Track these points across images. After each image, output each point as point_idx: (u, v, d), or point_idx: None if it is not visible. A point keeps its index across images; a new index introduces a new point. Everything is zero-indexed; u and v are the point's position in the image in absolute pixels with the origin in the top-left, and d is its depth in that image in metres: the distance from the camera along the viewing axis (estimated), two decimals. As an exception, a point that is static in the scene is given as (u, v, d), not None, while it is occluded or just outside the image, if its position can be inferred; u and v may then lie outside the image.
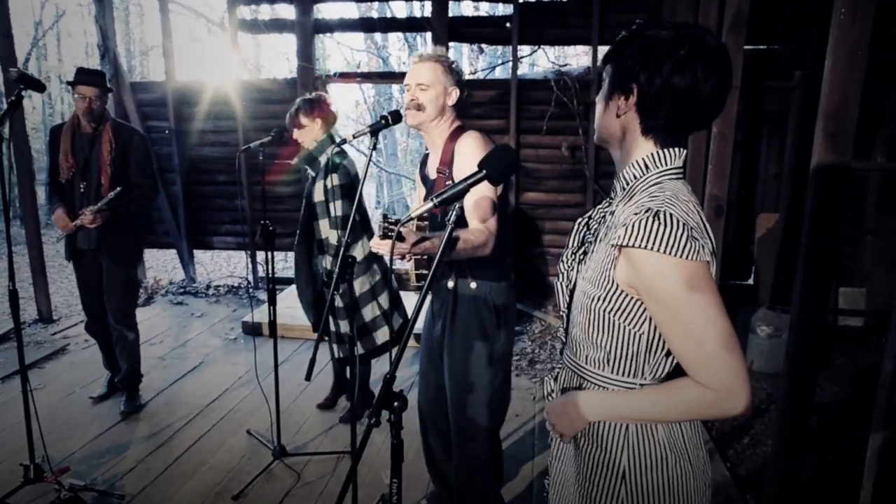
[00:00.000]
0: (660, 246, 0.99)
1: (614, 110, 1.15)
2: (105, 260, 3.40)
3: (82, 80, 3.20)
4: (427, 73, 2.05)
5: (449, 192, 1.24)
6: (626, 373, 1.16)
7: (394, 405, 1.32)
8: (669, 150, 1.12)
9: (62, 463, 2.95)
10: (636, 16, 5.07)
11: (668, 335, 1.07)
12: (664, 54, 1.06)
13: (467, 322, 2.11)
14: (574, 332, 1.24)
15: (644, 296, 1.07)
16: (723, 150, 3.37)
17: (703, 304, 1.01)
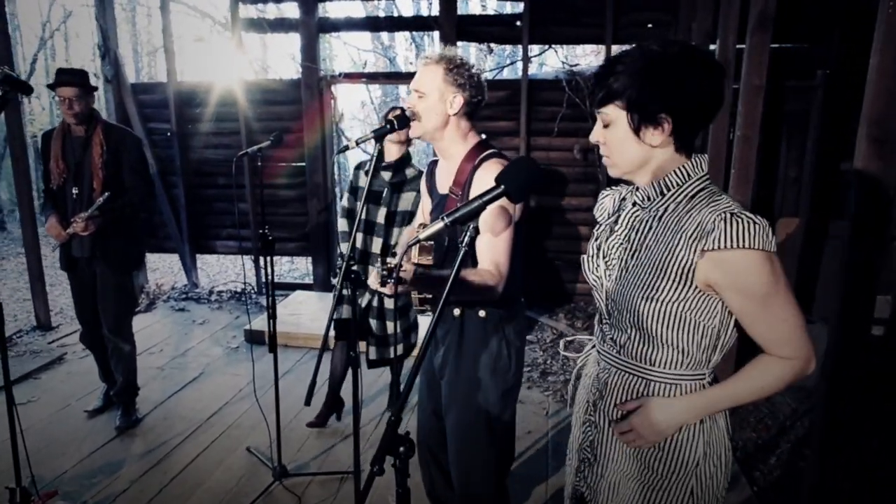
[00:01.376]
0: (755, 243, 1.09)
1: (648, 142, 1.20)
2: (99, 267, 3.27)
3: (61, 80, 3.05)
4: (425, 78, 1.84)
5: (462, 210, 1.09)
6: (695, 365, 1.26)
7: (399, 450, 1.18)
8: (700, 158, 1.24)
9: (53, 483, 2.82)
10: (651, 14, 4.91)
11: (752, 321, 1.18)
12: (686, 72, 1.15)
13: (475, 354, 1.90)
14: (631, 337, 1.29)
15: (729, 291, 1.16)
16: (747, 153, 3.21)
17: (785, 287, 1.15)
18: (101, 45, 5.60)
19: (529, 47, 5.14)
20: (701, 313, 1.21)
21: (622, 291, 1.27)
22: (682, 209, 1.20)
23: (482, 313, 1.89)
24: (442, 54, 1.85)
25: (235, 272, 8.99)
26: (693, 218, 1.17)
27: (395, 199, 3.11)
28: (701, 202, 1.19)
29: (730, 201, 1.17)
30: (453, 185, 1.87)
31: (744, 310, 1.18)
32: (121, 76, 5.67)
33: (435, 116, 1.84)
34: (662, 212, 1.23)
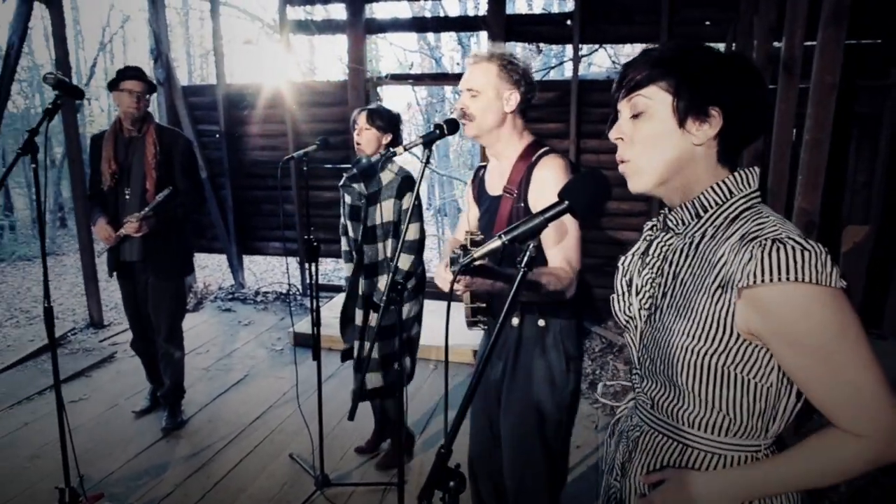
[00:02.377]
0: (805, 275, 0.84)
1: (689, 139, 0.97)
2: (151, 274, 3.23)
3: (127, 74, 3.04)
4: (478, 76, 1.76)
5: (522, 227, 0.99)
6: (746, 434, 1.00)
7: (449, 485, 1.08)
8: (748, 171, 0.99)
9: (99, 484, 2.84)
10: (710, 10, 4.69)
11: (810, 383, 0.91)
12: (735, 69, 0.96)
13: (533, 366, 1.82)
14: (667, 391, 1.06)
15: (776, 341, 0.91)
16: (816, 158, 3.00)
17: (855, 338, 0.87)
18: (154, 48, 5.71)
19: (580, 47, 4.99)
20: (750, 369, 0.96)
21: (655, 336, 1.06)
22: (721, 235, 0.97)
23: (541, 322, 1.82)
24: (492, 51, 1.78)
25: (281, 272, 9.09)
26: (731, 246, 0.93)
27: (371, 212, 2.73)
28: (744, 225, 0.94)
29: (778, 224, 0.91)
30: (507, 184, 1.79)
31: (795, 366, 0.91)
32: (172, 79, 5.77)
33: (491, 115, 1.77)
34: (699, 238, 1.01)
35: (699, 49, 0.98)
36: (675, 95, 0.96)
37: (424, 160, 1.78)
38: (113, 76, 3.12)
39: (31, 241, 13.55)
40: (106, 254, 3.23)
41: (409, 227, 2.68)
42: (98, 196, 3.20)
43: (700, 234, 1.01)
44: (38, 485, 2.84)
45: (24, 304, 8.04)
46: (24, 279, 9.93)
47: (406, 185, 2.72)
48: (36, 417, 3.51)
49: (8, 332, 6.57)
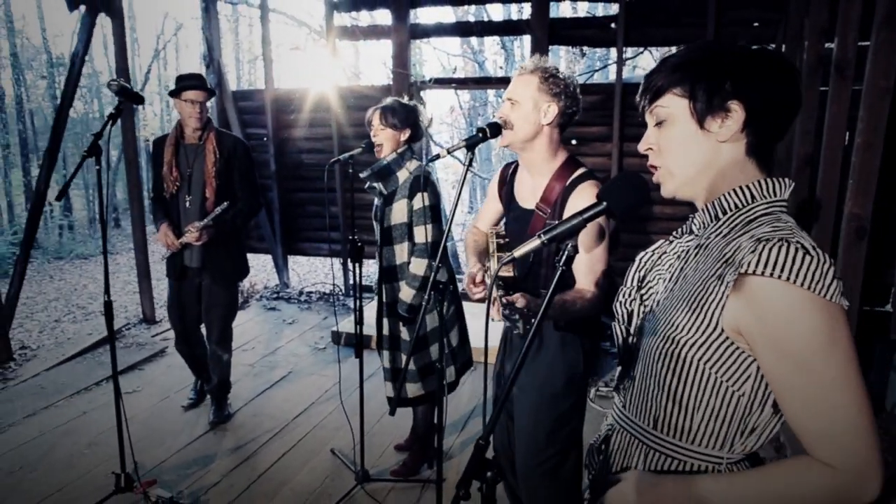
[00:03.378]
0: (802, 279, 0.81)
1: (715, 136, 0.98)
2: (208, 279, 3.29)
3: (190, 84, 3.06)
4: (519, 87, 1.82)
5: (561, 228, 1.02)
6: (712, 443, 0.98)
7: (486, 475, 1.12)
8: (778, 180, 0.98)
9: (153, 471, 2.97)
10: (757, 11, 4.61)
11: (788, 396, 0.87)
12: (756, 62, 0.96)
13: (551, 365, 1.90)
14: (642, 387, 1.06)
15: (760, 345, 0.87)
16: (869, 162, 2.93)
17: (844, 360, 0.83)
18: (206, 55, 5.92)
19: (624, 50, 4.96)
20: (725, 371, 0.93)
21: (645, 329, 1.05)
22: (734, 235, 0.95)
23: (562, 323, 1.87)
24: (537, 64, 1.83)
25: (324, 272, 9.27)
26: (738, 241, 0.92)
27: (387, 213, 2.69)
28: (759, 228, 0.92)
29: (793, 230, 0.89)
30: (541, 203, 1.84)
31: (775, 374, 0.87)
32: (223, 84, 5.97)
33: (528, 126, 1.81)
34: (714, 238, 1.00)
35: (709, 48, 0.99)
36: (691, 98, 0.98)
37: (467, 163, 1.83)
38: (168, 82, 3.30)
39: (88, 240, 14.17)
40: (167, 258, 3.27)
41: (417, 230, 2.63)
42: (161, 200, 3.25)
43: (716, 234, 1.00)
44: (96, 470, 2.99)
45: (81, 301, 8.42)
46: (80, 276, 10.39)
47: (417, 185, 2.61)
48: (93, 407, 3.69)
49: (66, 326, 6.91)
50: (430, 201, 2.60)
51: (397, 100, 2.76)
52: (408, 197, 2.62)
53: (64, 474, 2.96)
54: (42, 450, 3.19)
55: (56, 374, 4.20)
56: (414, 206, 2.61)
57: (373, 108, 2.74)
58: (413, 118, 2.72)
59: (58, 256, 12.31)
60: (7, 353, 4.38)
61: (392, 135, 2.69)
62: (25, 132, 16.53)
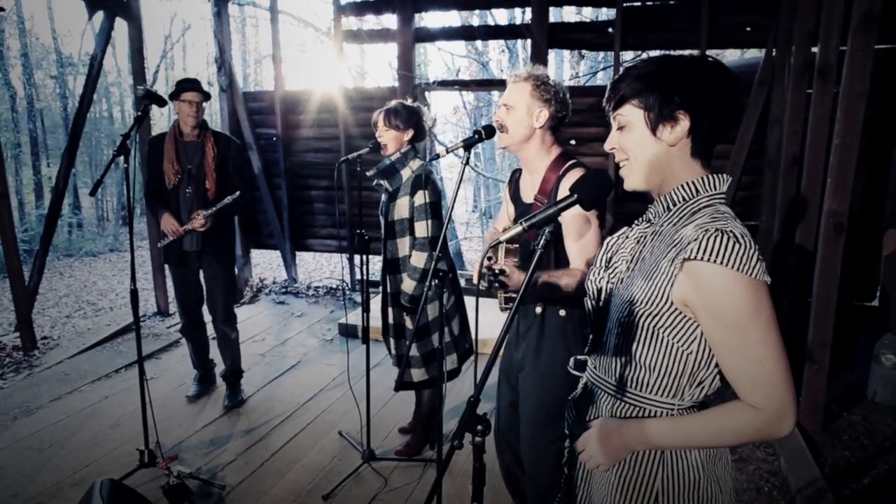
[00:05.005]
0: (733, 262, 1.02)
1: (666, 140, 1.16)
2: (208, 262, 3.56)
3: (188, 87, 3.37)
4: (513, 93, 2.00)
5: (539, 215, 1.22)
6: (666, 393, 1.18)
7: (477, 429, 1.31)
8: (717, 176, 1.17)
9: (172, 450, 3.17)
10: (749, 17, 4.79)
11: (724, 354, 1.08)
12: (700, 74, 1.12)
13: (553, 351, 2.03)
14: (608, 349, 1.26)
15: (702, 314, 1.08)
16: (845, 161, 3.10)
17: (766, 324, 1.04)
18: (218, 57, 6.12)
19: (621, 53, 5.14)
20: (676, 335, 1.13)
21: (610, 302, 1.26)
22: (681, 223, 1.15)
23: (562, 312, 2.02)
24: (530, 72, 2.01)
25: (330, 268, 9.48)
26: (685, 230, 1.11)
27: (391, 209, 2.85)
28: (701, 218, 1.11)
29: (728, 221, 1.09)
30: (538, 194, 2.02)
31: (713, 336, 1.08)
32: (234, 85, 6.17)
33: (521, 129, 2.00)
34: (666, 226, 1.19)
35: (662, 63, 1.16)
36: (645, 109, 1.16)
37: (464, 161, 2.02)
38: (172, 84, 3.49)
39: (97, 238, 14.40)
40: (165, 246, 3.47)
41: (418, 225, 2.79)
42: (155, 194, 3.49)
43: (668, 223, 1.19)
44: (120, 448, 3.20)
45: (91, 297, 8.64)
46: (90, 274, 10.62)
47: (418, 183, 2.77)
48: (114, 392, 3.91)
49: (77, 322, 7.13)
50: (430, 198, 2.78)
51: (401, 102, 2.94)
52: (410, 194, 2.79)
53: (90, 451, 3.17)
54: (69, 430, 3.40)
55: (78, 361, 4.42)
56: (415, 203, 2.78)
57: (378, 111, 2.93)
58: (415, 120, 2.89)
59: (67, 254, 12.56)
60: (32, 342, 4.60)
61: (396, 135, 2.87)
62: (35, 131, 16.78)
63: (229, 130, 6.16)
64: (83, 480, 2.91)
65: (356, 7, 5.82)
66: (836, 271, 3.20)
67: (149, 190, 3.52)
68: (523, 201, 2.12)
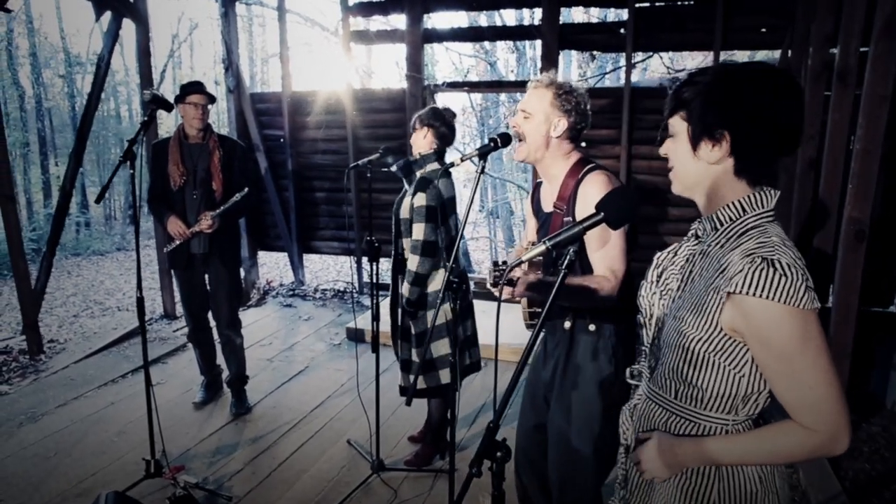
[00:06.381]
0: (778, 296, 1.01)
1: (705, 159, 1.14)
2: (214, 265, 3.52)
3: (194, 90, 3.35)
4: (533, 100, 1.95)
5: (563, 234, 1.16)
6: (720, 409, 1.19)
7: (496, 455, 1.26)
8: (764, 193, 1.14)
9: (179, 459, 3.13)
10: (765, 17, 4.70)
11: (775, 379, 1.09)
12: (747, 93, 1.08)
13: (583, 368, 1.96)
14: (663, 367, 1.26)
15: (751, 341, 1.09)
16: (867, 168, 3.02)
17: (816, 350, 1.04)
18: (225, 58, 6.08)
19: (633, 54, 5.06)
20: (727, 359, 1.13)
21: (663, 321, 1.26)
22: (729, 246, 1.12)
23: (592, 327, 1.94)
24: (552, 79, 1.95)
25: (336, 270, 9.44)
26: (732, 255, 1.09)
27: (401, 207, 2.88)
28: (748, 242, 1.09)
29: (776, 246, 1.06)
30: (557, 201, 1.96)
31: (764, 363, 1.09)
32: (242, 86, 6.13)
33: (538, 137, 1.94)
34: (714, 247, 1.17)
35: (715, 73, 1.12)
36: (689, 124, 1.15)
37: (479, 170, 1.97)
38: (182, 81, 3.44)
39: (105, 237, 14.43)
40: (171, 249, 3.41)
41: (414, 227, 2.78)
42: (159, 198, 3.45)
43: (715, 244, 1.17)
44: (126, 456, 3.16)
45: (98, 297, 8.64)
46: (97, 273, 10.63)
47: (420, 185, 2.78)
48: (120, 398, 3.87)
49: (84, 321, 7.12)
50: (426, 202, 2.76)
51: (433, 107, 2.96)
52: (412, 194, 2.80)
53: (96, 460, 3.13)
54: (75, 437, 3.36)
55: (84, 366, 4.39)
56: (414, 204, 2.78)
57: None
58: (437, 124, 2.89)
59: (75, 253, 12.58)
60: (38, 346, 4.58)
61: (419, 137, 2.90)
62: (44, 130, 16.83)
63: (237, 131, 6.12)
64: (89, 490, 2.87)
65: (364, 7, 5.77)
66: (856, 280, 3.12)
67: (152, 195, 3.49)
68: (544, 210, 2.06)
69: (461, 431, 3.46)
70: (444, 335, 2.88)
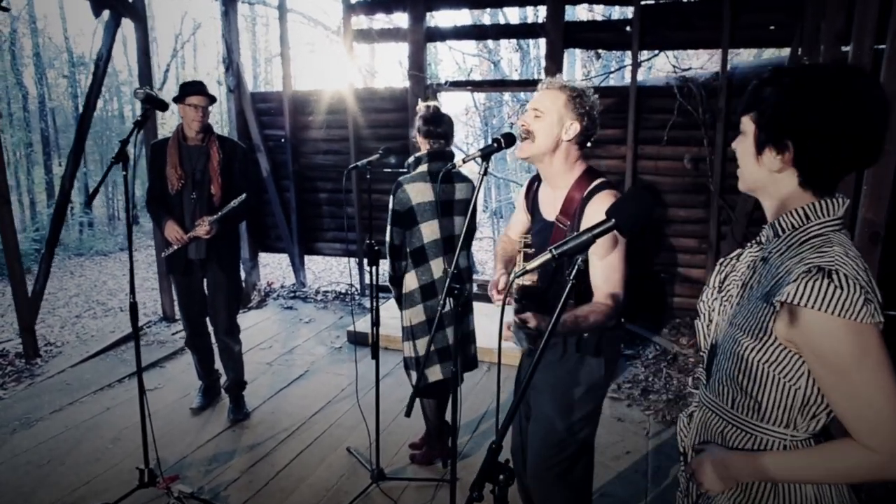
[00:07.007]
0: (834, 309, 0.96)
1: (767, 166, 1.10)
2: (213, 271, 3.44)
3: (194, 90, 3.26)
4: (546, 100, 1.87)
5: (571, 243, 1.08)
6: (778, 423, 1.13)
7: (499, 478, 1.18)
8: (831, 201, 1.07)
9: (175, 467, 3.06)
10: (774, 15, 4.60)
11: (832, 395, 1.04)
12: (819, 104, 1.01)
13: (573, 372, 1.93)
14: (719, 374, 1.21)
15: (807, 353, 1.04)
16: (882, 169, 2.93)
17: (875, 366, 0.98)
18: (226, 58, 6.01)
19: (639, 53, 4.97)
20: (783, 370, 1.08)
21: (724, 329, 1.21)
22: (789, 254, 1.08)
23: (586, 335, 1.91)
24: (566, 82, 1.89)
25: (339, 270, 9.36)
26: (791, 264, 1.05)
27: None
28: (809, 251, 1.04)
29: (836, 256, 1.01)
30: (560, 215, 1.89)
31: (819, 376, 1.04)
32: (242, 86, 6.06)
33: (548, 138, 1.87)
34: (774, 254, 1.12)
35: (794, 75, 1.04)
36: (756, 126, 1.10)
37: (482, 172, 1.88)
38: (186, 80, 3.35)
39: (108, 238, 14.41)
40: (169, 254, 3.34)
41: (388, 228, 2.82)
42: (157, 201, 3.36)
43: (776, 251, 1.12)
44: (121, 464, 3.09)
45: (101, 297, 8.59)
46: (100, 273, 10.58)
47: (393, 188, 2.77)
48: (116, 403, 3.80)
49: (87, 322, 7.06)
50: (391, 205, 2.78)
51: (426, 106, 2.90)
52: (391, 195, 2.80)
53: (90, 468, 3.06)
54: (69, 444, 3.29)
55: (80, 370, 4.32)
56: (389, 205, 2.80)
57: None
58: (430, 127, 2.83)
59: (78, 253, 12.55)
60: (34, 350, 4.51)
61: (420, 141, 2.88)
62: (47, 130, 16.82)
63: (237, 131, 6.05)
64: (81, 500, 2.80)
65: (366, 6, 5.69)
66: (871, 283, 3.03)
67: (150, 197, 3.40)
68: (543, 217, 1.99)
69: (464, 438, 3.37)
70: (423, 335, 2.86)
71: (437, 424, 3.08)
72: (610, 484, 2.98)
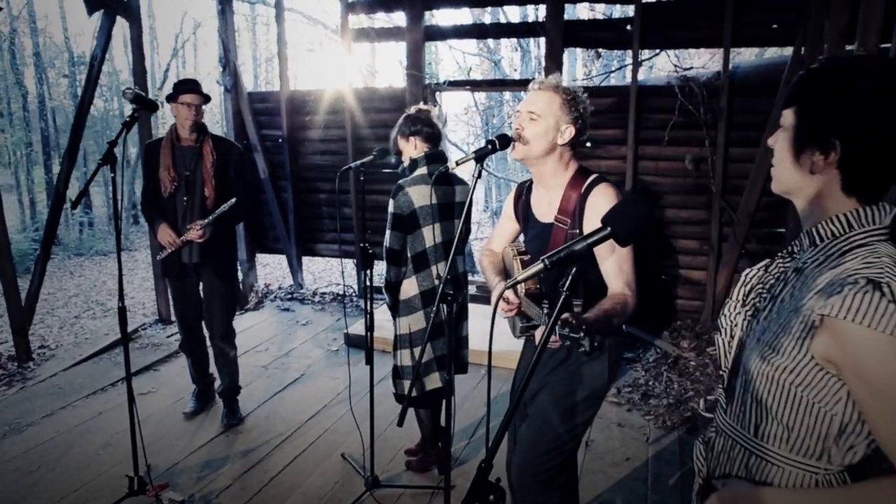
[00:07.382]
0: (884, 325, 0.85)
1: (807, 166, 0.99)
2: (207, 275, 3.38)
3: (187, 88, 3.19)
4: (541, 102, 1.82)
5: (565, 251, 1.02)
6: (809, 454, 1.01)
7: (489, 499, 1.12)
8: (879, 208, 0.96)
9: (165, 474, 3.01)
10: (777, 13, 4.53)
11: (875, 421, 0.91)
12: (873, 103, 0.91)
13: (576, 376, 1.88)
14: (742, 397, 1.10)
15: (848, 374, 0.92)
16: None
17: None
18: (223, 57, 5.96)
19: (640, 52, 4.91)
20: (818, 394, 0.96)
21: (745, 345, 1.10)
22: (828, 264, 0.97)
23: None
24: (559, 83, 1.84)
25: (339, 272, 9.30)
26: (831, 275, 0.93)
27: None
28: (852, 261, 0.92)
29: (886, 266, 0.89)
30: (559, 214, 1.85)
31: (862, 400, 0.92)
32: (239, 86, 6.00)
33: (544, 142, 1.82)
34: (810, 264, 1.01)
35: (841, 66, 0.96)
36: (799, 122, 0.99)
37: (475, 175, 1.83)
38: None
39: (108, 237, 14.35)
40: (164, 257, 3.28)
41: (387, 232, 2.74)
42: (152, 202, 3.30)
43: (813, 261, 1.01)
44: (110, 471, 3.03)
45: (100, 297, 8.55)
46: (100, 273, 10.54)
47: (393, 191, 2.69)
48: (109, 407, 3.74)
49: (85, 322, 7.02)
50: (392, 209, 2.70)
51: (405, 116, 2.82)
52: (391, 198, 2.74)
53: (80, 475, 3.01)
54: (59, 450, 3.24)
55: (73, 374, 4.27)
56: (388, 210, 2.72)
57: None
58: (417, 129, 2.76)
59: (78, 253, 12.50)
60: (27, 354, 4.46)
61: (409, 148, 2.80)
62: (47, 130, 16.78)
63: (234, 131, 6.00)
64: (70, 507, 2.75)
65: (366, 5, 5.63)
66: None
67: (146, 198, 3.34)
68: (539, 221, 1.94)
69: (460, 444, 3.32)
70: (407, 346, 2.82)
71: (433, 431, 3.03)
72: (609, 491, 2.92)
